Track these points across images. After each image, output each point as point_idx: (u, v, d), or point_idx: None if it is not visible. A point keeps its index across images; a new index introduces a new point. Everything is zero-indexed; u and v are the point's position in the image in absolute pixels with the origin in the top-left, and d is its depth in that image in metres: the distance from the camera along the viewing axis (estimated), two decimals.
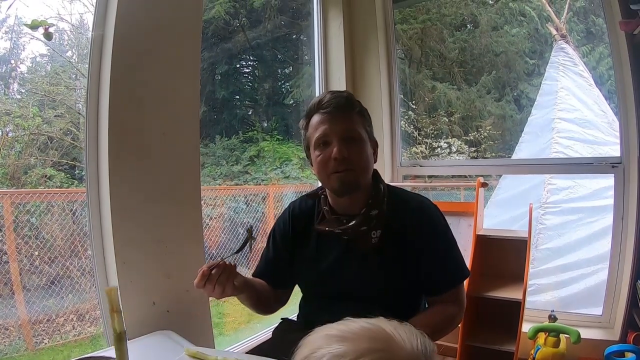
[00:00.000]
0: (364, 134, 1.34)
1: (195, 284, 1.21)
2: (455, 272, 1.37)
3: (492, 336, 2.50)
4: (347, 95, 1.35)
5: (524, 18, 6.45)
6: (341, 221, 1.34)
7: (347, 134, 1.29)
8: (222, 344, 2.64)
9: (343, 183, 1.29)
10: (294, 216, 1.50)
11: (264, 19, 6.32)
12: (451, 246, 1.38)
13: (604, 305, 2.66)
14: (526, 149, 4.11)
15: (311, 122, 1.33)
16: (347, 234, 1.34)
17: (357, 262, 1.34)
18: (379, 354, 0.53)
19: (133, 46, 1.70)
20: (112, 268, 1.67)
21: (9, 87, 4.03)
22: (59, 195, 3.47)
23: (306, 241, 1.44)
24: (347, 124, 1.30)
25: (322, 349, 0.56)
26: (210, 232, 4.60)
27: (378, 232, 1.32)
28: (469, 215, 2.77)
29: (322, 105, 1.30)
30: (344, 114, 1.30)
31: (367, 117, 1.39)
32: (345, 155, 1.26)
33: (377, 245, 1.32)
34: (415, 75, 6.42)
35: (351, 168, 1.28)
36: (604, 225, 3.08)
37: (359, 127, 1.32)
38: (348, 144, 1.28)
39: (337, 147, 1.26)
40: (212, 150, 5.97)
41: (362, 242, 1.33)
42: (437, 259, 1.33)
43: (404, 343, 0.56)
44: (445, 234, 1.38)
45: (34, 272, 3.28)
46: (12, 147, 3.62)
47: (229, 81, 6.63)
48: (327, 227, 1.36)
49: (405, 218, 1.33)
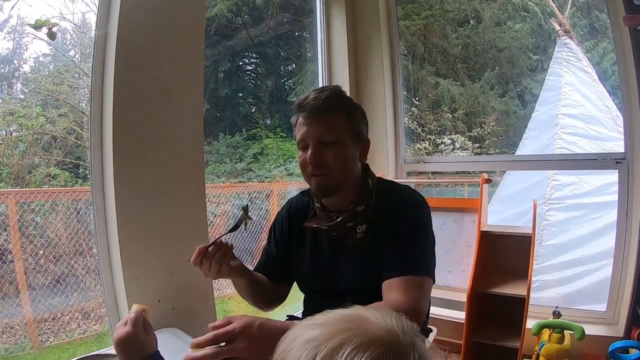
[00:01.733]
0: (345, 135, 1.29)
1: (192, 261, 1.21)
2: (411, 264, 1.23)
3: (496, 332, 2.50)
4: (329, 95, 1.29)
5: (527, 13, 6.43)
6: (331, 217, 1.34)
7: (323, 138, 1.26)
8: None
9: (319, 187, 1.29)
10: (291, 213, 1.50)
11: (266, 16, 6.32)
12: (414, 239, 1.28)
13: (608, 302, 2.65)
14: (530, 145, 4.10)
15: (297, 121, 1.32)
16: (334, 230, 1.34)
17: (345, 257, 1.34)
18: (352, 332, 0.53)
19: (136, 45, 1.70)
20: (118, 266, 1.68)
21: (12, 86, 4.05)
22: (63, 194, 3.49)
23: (302, 238, 1.44)
24: (323, 127, 1.26)
25: (298, 337, 0.56)
26: (214, 230, 4.62)
27: (363, 227, 1.32)
28: (472, 212, 2.77)
29: (302, 106, 1.28)
30: (321, 117, 1.27)
31: (356, 116, 1.34)
32: (319, 160, 1.25)
33: (362, 240, 1.32)
34: (419, 72, 6.41)
35: (327, 172, 1.26)
36: (609, 221, 3.06)
37: (339, 129, 1.28)
38: (324, 147, 1.26)
39: (311, 152, 1.25)
40: (216, 148, 5.98)
41: (349, 238, 1.33)
42: (395, 247, 1.26)
43: (377, 320, 0.56)
44: (414, 227, 1.30)
45: (39, 271, 3.30)
46: (16, 146, 3.64)
47: (232, 79, 6.65)
48: (314, 225, 1.37)
49: (389, 210, 1.32)
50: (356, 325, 0.55)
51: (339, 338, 0.52)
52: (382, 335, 0.53)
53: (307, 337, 0.55)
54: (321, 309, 1.24)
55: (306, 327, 0.58)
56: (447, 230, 2.88)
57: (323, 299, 1.42)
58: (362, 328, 0.54)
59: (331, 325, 0.56)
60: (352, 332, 0.53)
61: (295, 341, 0.56)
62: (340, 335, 0.53)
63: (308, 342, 0.54)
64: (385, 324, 0.56)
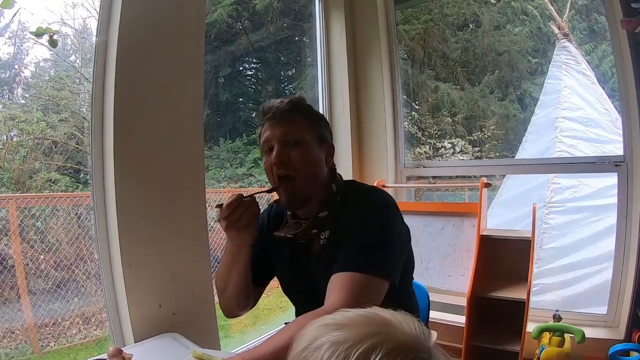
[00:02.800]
0: (309, 138, 1.29)
1: (226, 205, 1.21)
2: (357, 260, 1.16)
3: (496, 336, 2.50)
4: (293, 100, 1.30)
5: (526, 17, 6.44)
6: (300, 224, 1.32)
7: (288, 138, 1.25)
8: (228, 346, 2.65)
9: (288, 197, 1.28)
10: (270, 219, 1.50)
11: (266, 21, 6.34)
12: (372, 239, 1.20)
13: (609, 305, 2.65)
14: (530, 148, 4.10)
15: (262, 129, 1.32)
16: (299, 238, 1.33)
17: (315, 264, 1.32)
18: (380, 337, 0.53)
19: (136, 51, 1.71)
20: (119, 271, 1.69)
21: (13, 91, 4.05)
22: (64, 199, 3.49)
23: (280, 246, 1.43)
24: (287, 127, 1.26)
25: (320, 338, 0.56)
26: (215, 235, 4.61)
27: (326, 232, 1.30)
28: (472, 216, 2.77)
29: (265, 112, 1.29)
30: (284, 119, 1.27)
31: (316, 121, 1.34)
32: (284, 159, 1.24)
33: (325, 246, 1.30)
34: (418, 76, 6.42)
35: (292, 174, 1.25)
36: (609, 224, 3.06)
37: (303, 131, 1.28)
38: (289, 148, 1.25)
39: (276, 151, 1.25)
40: (217, 153, 5.99)
41: (313, 245, 1.32)
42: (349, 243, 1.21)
43: (402, 326, 0.56)
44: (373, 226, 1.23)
45: (40, 276, 3.30)
46: (17, 151, 3.64)
47: (232, 84, 6.66)
48: (281, 234, 1.35)
49: (351, 213, 1.27)
50: (384, 330, 0.55)
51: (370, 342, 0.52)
52: (410, 342, 0.54)
53: (335, 339, 0.54)
54: None
55: (327, 327, 0.58)
56: (447, 235, 2.88)
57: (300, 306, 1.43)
58: (391, 333, 0.55)
59: (358, 327, 0.56)
60: (382, 336, 0.53)
61: (317, 341, 0.56)
62: (371, 339, 0.53)
63: (337, 344, 0.54)
64: (410, 329, 0.56)
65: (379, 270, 1.17)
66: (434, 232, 2.91)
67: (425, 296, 1.87)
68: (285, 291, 1.50)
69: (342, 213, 1.29)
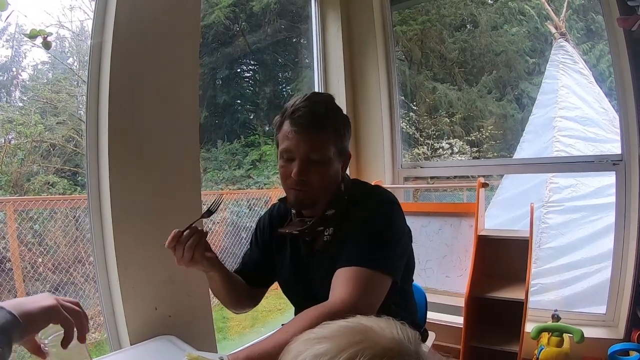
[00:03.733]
0: (331, 153, 1.26)
1: (167, 245, 1.21)
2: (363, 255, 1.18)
3: (495, 337, 2.49)
4: (322, 110, 1.25)
5: (524, 17, 6.45)
6: (305, 223, 1.33)
7: (311, 157, 1.23)
8: (226, 348, 2.65)
9: (297, 200, 1.28)
10: (272, 219, 1.50)
11: (263, 23, 6.35)
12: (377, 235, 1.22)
13: (608, 304, 2.64)
14: (528, 148, 4.10)
15: (282, 127, 1.28)
16: (305, 235, 1.34)
17: (318, 262, 1.33)
18: (360, 345, 0.53)
19: (131, 53, 1.71)
20: (114, 273, 1.68)
21: (11, 94, 4.06)
22: (62, 201, 3.49)
23: (283, 245, 1.44)
24: (313, 144, 1.23)
25: (303, 352, 0.56)
26: (213, 237, 4.61)
27: (330, 229, 1.31)
28: (470, 216, 2.76)
29: (294, 115, 1.23)
30: (312, 133, 1.23)
31: (342, 131, 1.30)
32: (304, 178, 1.23)
33: (329, 243, 1.30)
34: (416, 77, 6.43)
35: (308, 190, 1.25)
36: (607, 223, 3.06)
37: (327, 147, 1.25)
38: (310, 165, 1.23)
39: (297, 168, 1.22)
40: (215, 155, 5.99)
41: (318, 242, 1.33)
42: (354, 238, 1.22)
43: (384, 331, 0.56)
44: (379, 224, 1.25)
45: (38, 279, 3.29)
46: (15, 154, 3.64)
47: (230, 86, 6.66)
48: (286, 230, 1.36)
49: (356, 211, 1.30)
50: (365, 337, 0.55)
51: (350, 352, 0.52)
52: (392, 346, 0.54)
53: (316, 352, 0.55)
54: None
55: (310, 341, 0.58)
56: (445, 235, 2.88)
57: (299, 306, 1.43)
58: (372, 340, 0.55)
59: (338, 337, 0.56)
60: (362, 344, 0.53)
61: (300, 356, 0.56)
62: (351, 348, 0.53)
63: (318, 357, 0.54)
64: (392, 334, 0.56)
65: (382, 267, 1.17)
66: (432, 233, 2.91)
67: (423, 297, 1.87)
68: (285, 290, 1.49)
69: (349, 212, 1.31)
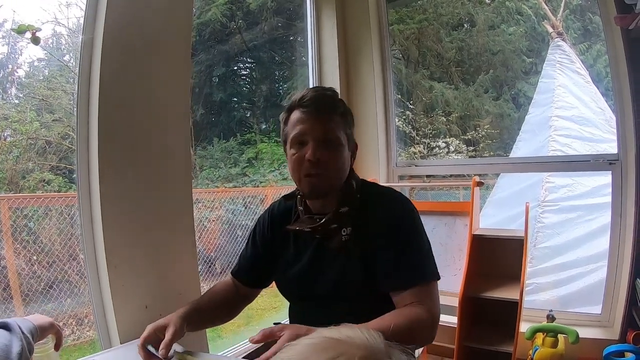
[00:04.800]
0: (343, 138, 1.28)
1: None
2: (411, 272, 1.23)
3: (489, 337, 2.48)
4: (331, 94, 1.30)
5: (521, 16, 6.44)
6: (314, 220, 1.31)
7: (325, 137, 1.24)
8: (220, 347, 2.63)
9: (313, 188, 1.27)
10: (273, 217, 1.48)
11: (260, 20, 6.34)
12: (412, 244, 1.27)
13: (603, 304, 2.64)
14: (524, 147, 4.10)
15: (291, 117, 1.29)
16: (318, 232, 1.32)
17: (329, 261, 1.31)
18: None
19: (122, 49, 1.69)
20: (104, 271, 1.66)
21: (6, 91, 4.03)
22: (56, 199, 3.47)
23: (285, 243, 1.42)
24: (326, 126, 1.25)
25: None
26: (208, 235, 4.61)
27: (348, 229, 1.29)
28: (464, 215, 2.75)
29: (303, 101, 1.26)
30: (324, 115, 1.25)
31: (349, 119, 1.33)
32: (319, 158, 1.22)
33: (347, 243, 1.29)
34: (413, 75, 6.42)
35: (323, 173, 1.25)
36: (603, 222, 3.05)
37: (338, 130, 1.27)
38: (324, 147, 1.24)
39: (312, 149, 1.22)
40: (210, 153, 5.98)
41: (333, 240, 1.30)
42: (391, 253, 1.24)
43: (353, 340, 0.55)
44: (408, 231, 1.28)
45: (32, 277, 3.27)
46: (10, 151, 3.62)
47: (226, 83, 6.65)
48: (297, 227, 1.34)
49: (373, 213, 1.30)
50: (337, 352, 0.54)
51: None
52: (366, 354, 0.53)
53: None
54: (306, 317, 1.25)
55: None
56: (439, 234, 2.86)
57: (307, 307, 1.41)
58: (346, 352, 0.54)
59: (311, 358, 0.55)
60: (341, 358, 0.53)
61: None
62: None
63: None
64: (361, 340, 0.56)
65: (434, 276, 1.27)
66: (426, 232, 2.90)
67: None
68: (283, 288, 1.48)
69: (367, 212, 1.31)
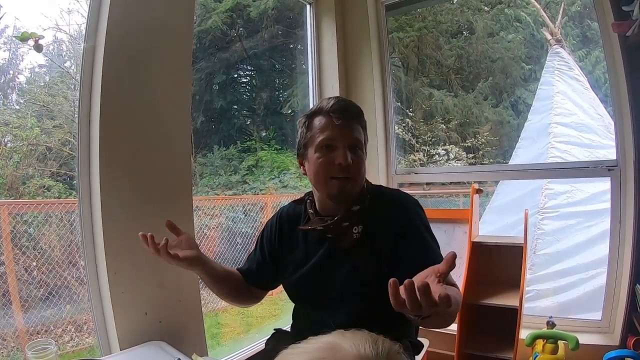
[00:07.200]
0: (364, 144, 1.37)
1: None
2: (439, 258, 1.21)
3: (489, 344, 2.47)
4: (357, 105, 1.38)
5: (520, 24, 6.48)
6: (325, 221, 1.35)
7: (353, 143, 1.31)
8: (220, 354, 2.63)
9: (342, 191, 1.31)
10: (282, 221, 1.51)
11: (260, 28, 6.36)
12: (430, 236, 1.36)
13: (603, 310, 2.63)
14: (523, 154, 4.11)
15: (314, 122, 1.34)
16: (329, 231, 1.35)
17: (339, 261, 1.34)
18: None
19: (124, 57, 1.71)
20: (104, 278, 1.67)
21: (7, 97, 4.04)
22: (57, 205, 3.47)
23: (294, 246, 1.45)
24: (355, 133, 1.32)
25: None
26: (208, 242, 4.60)
27: (359, 227, 1.33)
28: (464, 222, 2.75)
29: (332, 108, 1.32)
30: (352, 123, 1.33)
31: (366, 129, 1.41)
32: (350, 163, 1.28)
33: (358, 241, 1.32)
34: (412, 83, 6.44)
35: (353, 176, 1.31)
36: (603, 229, 3.05)
37: (363, 137, 1.36)
38: (353, 152, 1.31)
39: (344, 154, 1.28)
40: (211, 160, 5.98)
41: (344, 239, 1.34)
42: (417, 241, 1.31)
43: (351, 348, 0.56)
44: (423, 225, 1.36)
45: (32, 283, 3.27)
46: (11, 157, 3.62)
47: (226, 91, 6.66)
48: (309, 226, 1.38)
49: (384, 211, 1.36)
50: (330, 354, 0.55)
51: None
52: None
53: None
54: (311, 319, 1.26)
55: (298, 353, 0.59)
56: (438, 242, 2.85)
57: (313, 309, 1.42)
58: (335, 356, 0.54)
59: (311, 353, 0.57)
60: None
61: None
62: None
63: None
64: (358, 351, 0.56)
65: None
66: None
67: None
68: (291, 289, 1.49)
69: (377, 210, 1.36)
